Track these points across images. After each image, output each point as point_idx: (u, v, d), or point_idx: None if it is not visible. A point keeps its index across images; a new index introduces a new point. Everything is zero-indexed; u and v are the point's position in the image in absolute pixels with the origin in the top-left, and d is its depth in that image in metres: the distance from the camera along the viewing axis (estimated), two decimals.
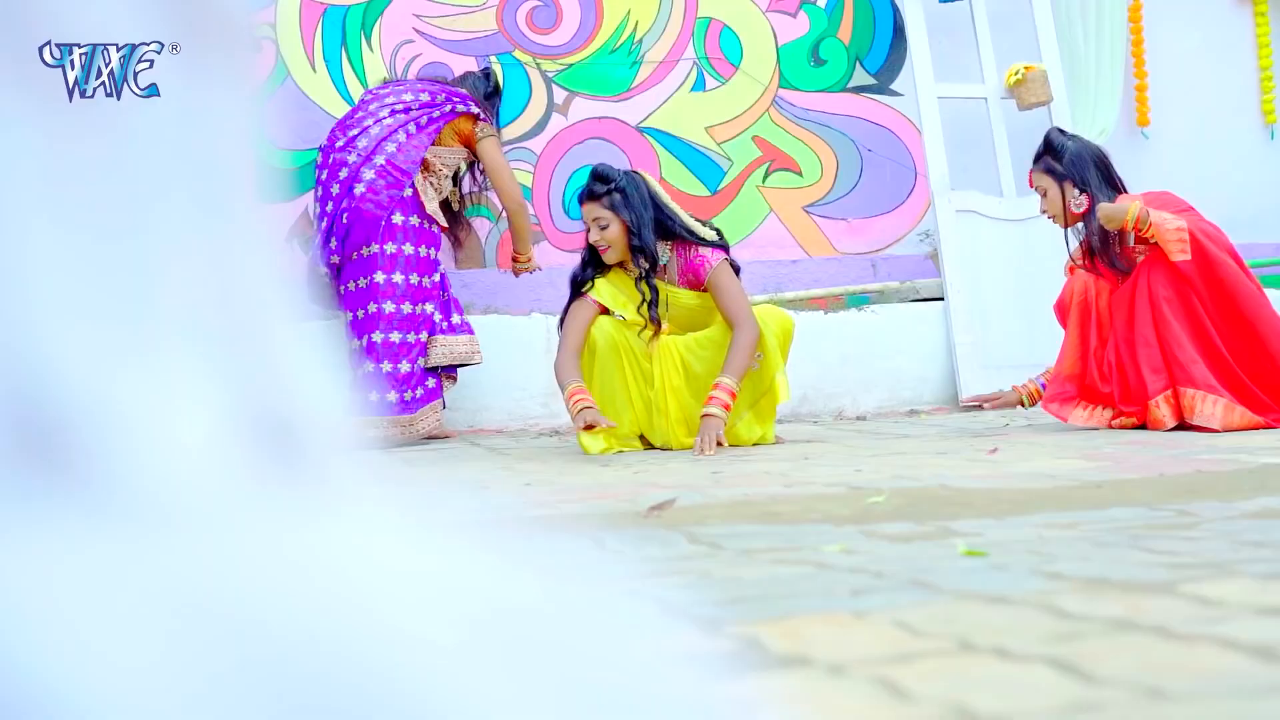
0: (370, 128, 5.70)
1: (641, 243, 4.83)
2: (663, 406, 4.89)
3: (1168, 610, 1.54)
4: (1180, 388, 4.65)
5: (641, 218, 4.85)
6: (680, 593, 1.84)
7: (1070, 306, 4.98)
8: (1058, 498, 2.87)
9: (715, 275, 4.88)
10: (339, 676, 0.58)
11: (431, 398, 5.66)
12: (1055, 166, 4.93)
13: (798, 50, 7.00)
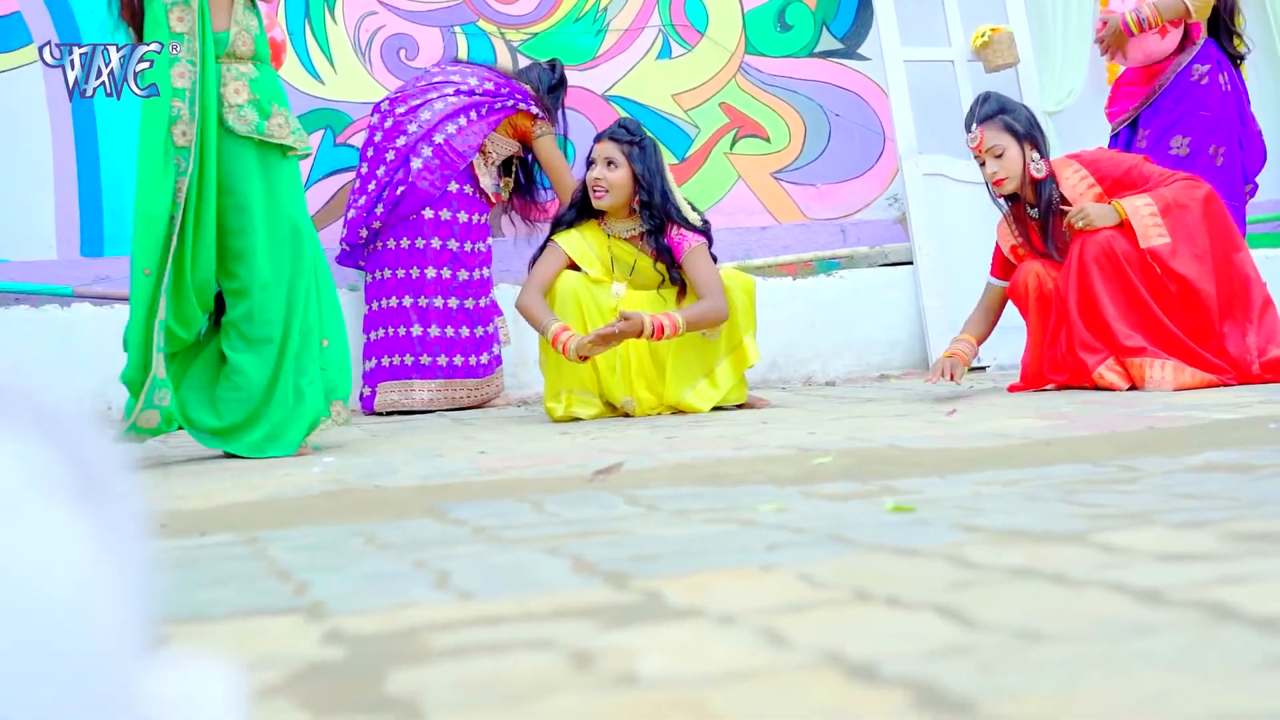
0: (434, 100, 5.76)
1: (650, 200, 4.94)
2: (625, 359, 4.89)
3: (1070, 559, 1.54)
4: (1126, 358, 4.63)
5: (654, 177, 4.97)
6: (600, 550, 1.84)
7: (1028, 297, 4.89)
8: (1005, 456, 2.87)
9: (693, 254, 4.94)
10: None
11: (496, 363, 5.77)
12: (1014, 125, 4.81)
13: (764, 15, 6.97)
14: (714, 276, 4.91)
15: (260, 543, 2.16)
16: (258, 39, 4.08)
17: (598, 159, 5.00)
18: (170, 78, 4.05)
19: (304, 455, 3.95)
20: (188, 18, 4.01)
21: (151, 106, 4.04)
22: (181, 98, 4.02)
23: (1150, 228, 4.63)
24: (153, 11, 4.05)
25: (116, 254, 6.17)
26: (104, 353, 5.63)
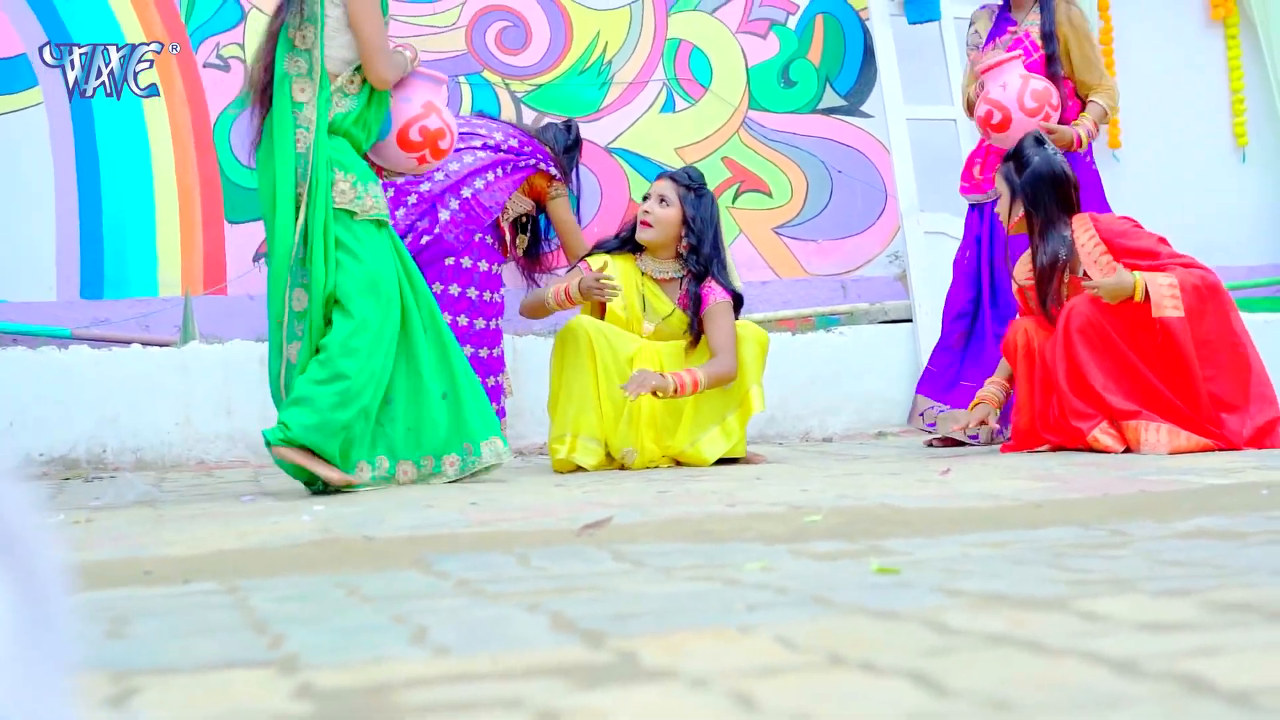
0: (462, 152, 5.73)
1: (700, 246, 5.05)
2: (636, 408, 4.90)
3: (1049, 625, 1.53)
4: (1121, 421, 4.63)
5: (706, 226, 5.08)
6: (580, 607, 1.83)
7: (1017, 354, 4.90)
8: (996, 517, 2.86)
9: (717, 308, 5.03)
10: None
11: (500, 415, 5.77)
12: (1012, 178, 4.92)
13: (768, 71, 7.01)
14: (731, 337, 4.98)
15: (242, 592, 2.16)
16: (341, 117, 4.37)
17: (653, 194, 5.14)
18: (294, 140, 4.34)
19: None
20: (309, 89, 4.34)
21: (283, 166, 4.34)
22: (302, 162, 4.32)
23: (1166, 298, 4.63)
24: (281, 84, 4.39)
25: (116, 296, 6.19)
26: (101, 396, 5.64)
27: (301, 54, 4.37)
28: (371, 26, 4.36)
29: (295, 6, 4.39)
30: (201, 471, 5.51)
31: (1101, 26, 7.35)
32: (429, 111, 4.59)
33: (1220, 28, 7.70)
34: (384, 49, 4.39)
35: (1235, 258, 7.58)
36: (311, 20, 4.37)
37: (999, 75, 5.35)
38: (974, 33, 5.75)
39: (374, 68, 4.38)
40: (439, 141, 4.61)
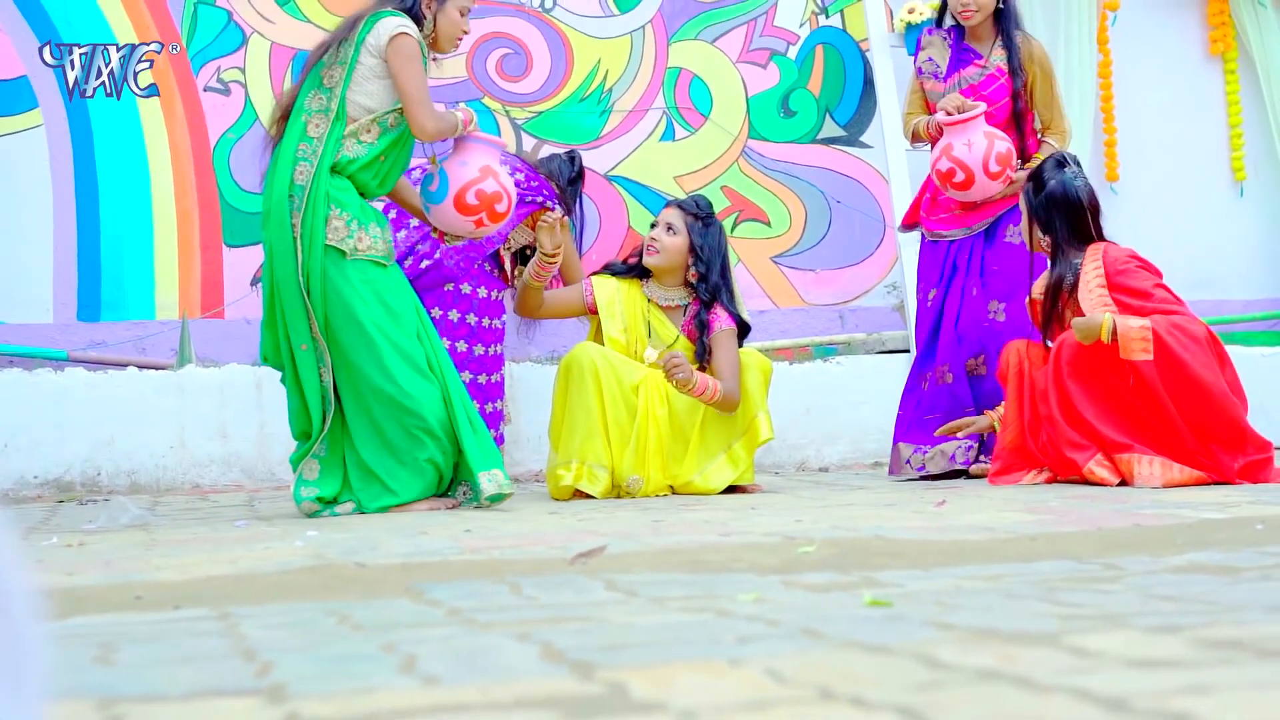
0: None
1: (708, 275, 5.08)
2: (643, 436, 4.90)
3: (1040, 661, 1.53)
4: (1114, 454, 4.63)
5: (714, 255, 5.11)
6: (570, 637, 1.82)
7: (1009, 373, 4.91)
8: (990, 550, 2.86)
9: (723, 335, 5.05)
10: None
11: (500, 441, 5.76)
12: (1031, 198, 4.91)
13: (768, 101, 7.02)
14: (735, 363, 5.00)
15: (232, 619, 2.15)
16: (348, 160, 4.47)
17: (660, 221, 5.16)
18: (295, 172, 4.42)
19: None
20: (323, 125, 4.41)
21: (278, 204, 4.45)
22: (299, 194, 4.38)
23: (1135, 341, 4.61)
24: (295, 115, 4.49)
25: (113, 319, 6.19)
26: (96, 418, 5.63)
27: (326, 92, 4.46)
28: (413, 80, 4.44)
29: (333, 47, 4.48)
30: (196, 495, 5.50)
31: (1100, 60, 7.37)
32: (485, 175, 4.62)
33: (1219, 63, 7.71)
34: (425, 101, 4.46)
35: (1232, 291, 7.59)
36: (343, 63, 4.45)
37: (964, 132, 5.17)
38: (929, 60, 5.54)
39: (417, 119, 4.45)
40: (495, 205, 4.64)
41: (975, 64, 5.45)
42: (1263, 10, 7.59)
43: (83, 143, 6.25)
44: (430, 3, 4.59)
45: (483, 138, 4.71)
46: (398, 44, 4.43)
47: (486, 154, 4.67)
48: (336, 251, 4.39)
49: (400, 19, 4.48)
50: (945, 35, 5.54)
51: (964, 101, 5.23)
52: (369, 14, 4.52)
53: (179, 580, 2.70)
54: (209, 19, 6.41)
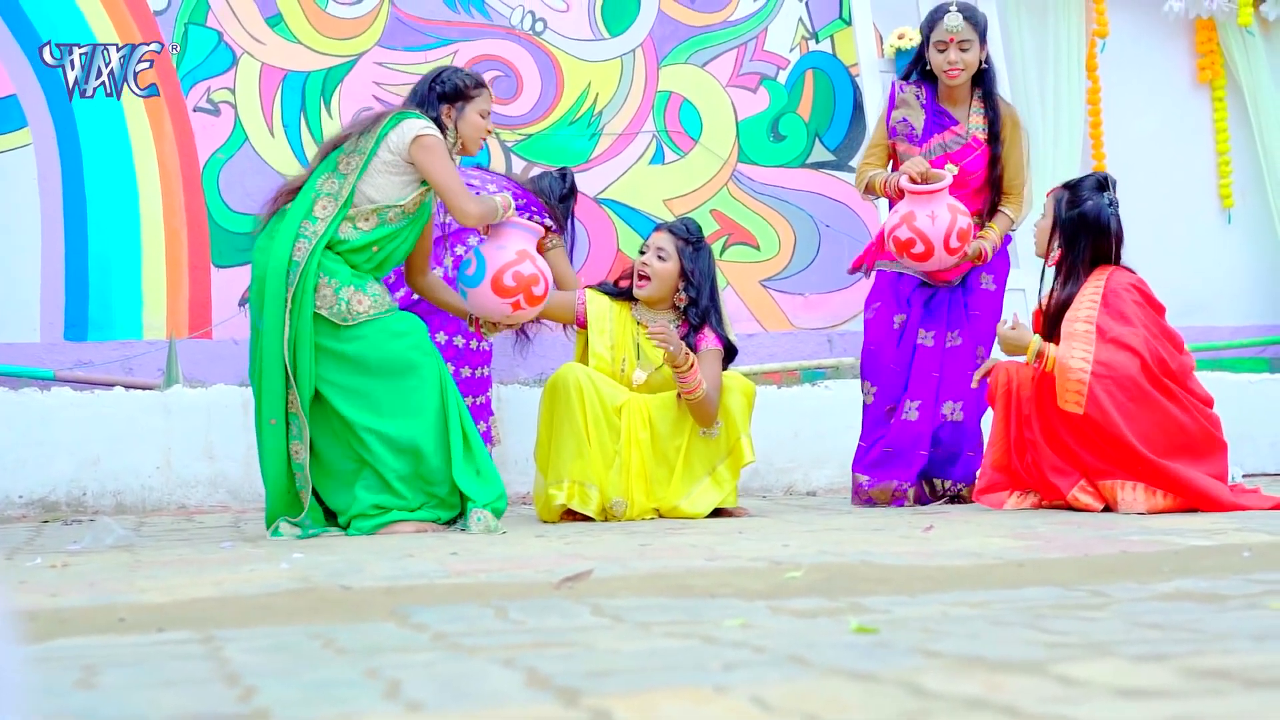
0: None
1: (698, 299, 5.07)
2: (626, 459, 4.90)
3: (1026, 690, 1.52)
4: (1097, 480, 4.63)
5: (704, 279, 5.11)
6: (556, 663, 1.82)
7: (998, 391, 4.92)
8: (977, 576, 2.85)
9: (708, 354, 5.03)
10: None
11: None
12: (1060, 209, 4.86)
13: (757, 125, 7.03)
14: (716, 381, 4.99)
15: (216, 642, 2.14)
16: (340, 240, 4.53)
17: (650, 246, 5.13)
18: (294, 248, 4.48)
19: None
20: (329, 208, 4.52)
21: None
22: (294, 269, 4.44)
23: (1070, 392, 4.61)
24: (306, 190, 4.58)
25: (100, 339, 6.18)
26: (81, 438, 5.62)
27: (340, 177, 4.54)
28: (445, 173, 4.55)
29: (354, 136, 4.58)
30: (182, 516, 5.49)
31: (1089, 87, 7.40)
32: (523, 258, 4.67)
33: (1207, 90, 7.74)
34: (462, 189, 4.57)
35: (1220, 318, 7.60)
36: (360, 152, 4.54)
37: (928, 203, 5.00)
38: (903, 120, 5.38)
39: (459, 206, 4.55)
40: (533, 288, 4.68)
41: (952, 130, 5.35)
42: (1250, 39, 7.62)
43: (71, 162, 6.24)
44: (450, 111, 4.74)
45: (519, 222, 4.76)
46: (423, 142, 4.54)
47: (523, 238, 4.73)
48: (328, 323, 4.47)
49: (425, 121, 4.60)
50: (918, 92, 5.40)
51: (929, 169, 5.11)
52: (395, 112, 4.65)
53: (163, 602, 2.69)
54: (199, 39, 6.41)
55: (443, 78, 4.80)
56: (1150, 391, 4.62)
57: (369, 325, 4.50)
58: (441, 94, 4.76)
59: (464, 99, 4.76)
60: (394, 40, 6.62)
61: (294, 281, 4.40)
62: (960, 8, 5.30)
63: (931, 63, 5.33)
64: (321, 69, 6.52)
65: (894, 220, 5.10)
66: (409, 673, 1.78)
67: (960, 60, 5.26)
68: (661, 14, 6.95)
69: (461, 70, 4.89)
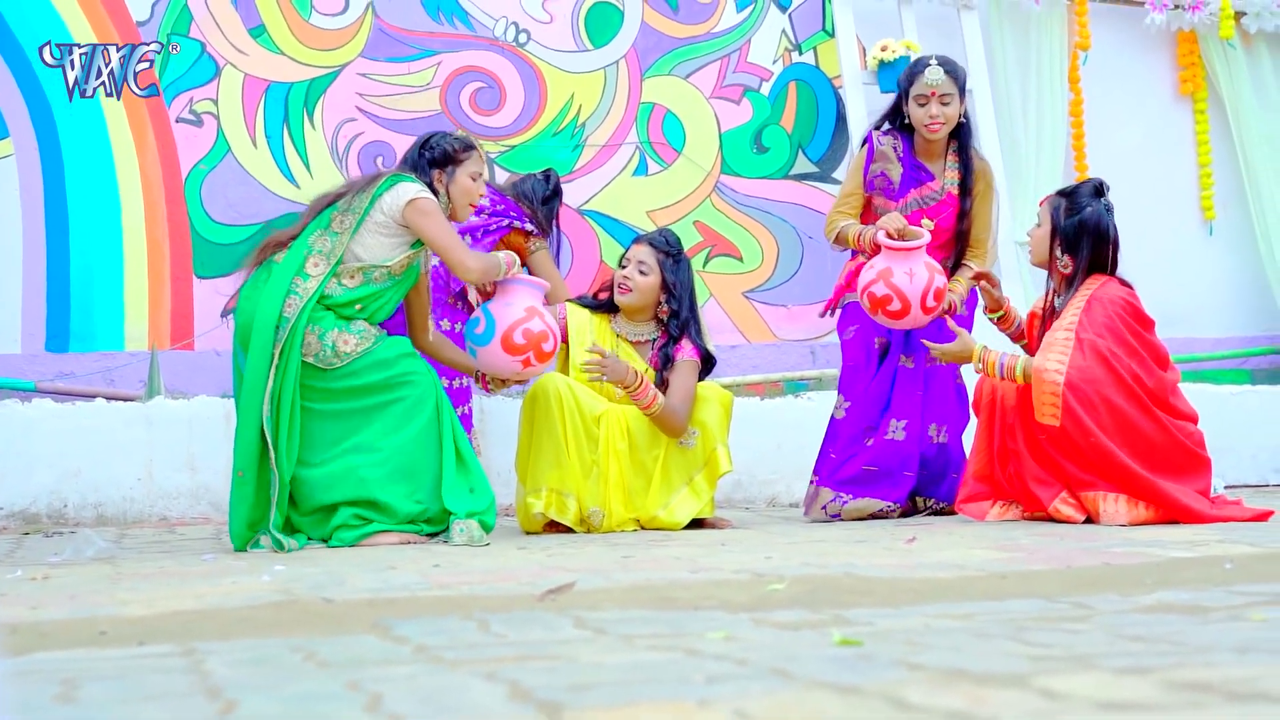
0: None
1: (680, 310, 5.09)
2: (604, 469, 4.90)
3: (1009, 703, 1.52)
4: (1079, 492, 4.64)
5: (684, 290, 5.12)
6: (538, 676, 1.81)
7: (980, 403, 4.93)
8: (960, 588, 2.85)
9: (683, 365, 5.05)
10: None
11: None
12: (1059, 217, 4.84)
13: (740, 137, 7.04)
14: (689, 392, 4.99)
15: (197, 655, 2.13)
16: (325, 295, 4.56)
17: (631, 259, 5.13)
18: (284, 304, 4.49)
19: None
20: (321, 266, 4.55)
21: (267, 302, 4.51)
22: (284, 325, 4.46)
23: (1046, 405, 4.62)
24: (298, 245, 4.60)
25: (81, 350, 6.16)
26: (63, 450, 5.59)
27: (333, 236, 4.57)
28: (442, 232, 4.59)
29: (349, 195, 4.62)
30: (163, 528, 5.47)
31: (1072, 99, 7.42)
32: (531, 315, 4.69)
33: (1189, 103, 7.77)
34: (460, 246, 4.62)
35: (1201, 330, 7.63)
36: (354, 212, 4.58)
37: (906, 260, 4.97)
38: (881, 174, 5.35)
39: (459, 263, 4.60)
40: (543, 344, 4.70)
41: (928, 186, 5.34)
42: (1232, 51, 7.66)
43: (53, 172, 6.22)
44: (440, 176, 4.79)
45: (526, 279, 4.77)
46: (418, 205, 4.57)
47: (530, 294, 4.74)
48: (315, 368, 4.50)
49: (419, 185, 4.64)
50: (896, 144, 5.37)
51: (907, 226, 5.07)
52: (390, 174, 4.67)
53: (144, 615, 2.68)
54: (182, 50, 6.39)
55: (431, 143, 4.84)
56: (1122, 406, 4.62)
57: (357, 362, 4.53)
58: (431, 159, 4.80)
59: (454, 163, 4.80)
60: (377, 51, 6.62)
61: (282, 338, 4.41)
62: (941, 61, 5.29)
63: (911, 116, 5.32)
64: (304, 80, 6.52)
65: (869, 276, 5.03)
66: (390, 686, 1.77)
67: (941, 114, 5.25)
68: (645, 26, 6.96)
69: (450, 135, 4.92)
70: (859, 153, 5.47)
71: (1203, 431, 4.81)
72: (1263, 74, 7.78)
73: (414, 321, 4.90)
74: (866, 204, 5.40)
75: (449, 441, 4.59)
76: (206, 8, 6.42)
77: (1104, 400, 4.61)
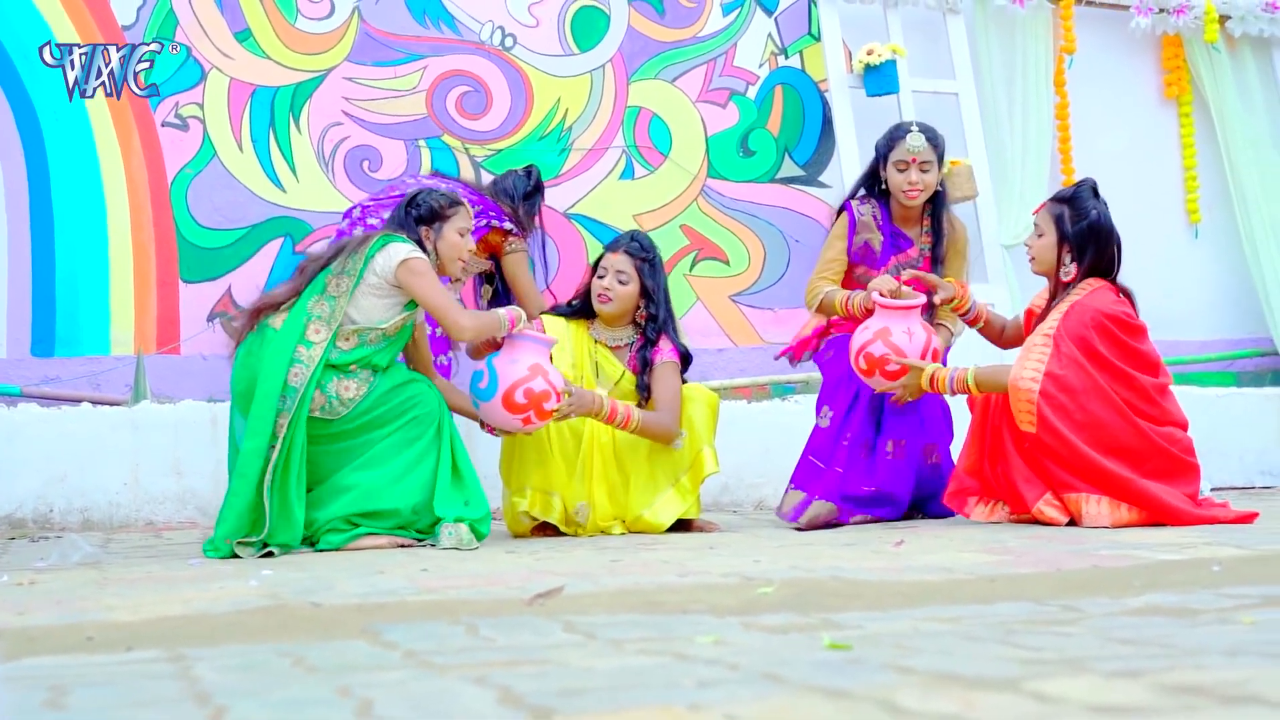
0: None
1: (659, 314, 5.09)
2: (588, 463, 4.91)
3: (1001, 707, 1.52)
4: (1063, 494, 4.64)
5: (660, 292, 5.12)
6: (529, 681, 1.81)
7: (974, 400, 4.94)
8: (947, 591, 2.85)
9: (664, 367, 5.05)
10: None
11: None
12: (1065, 223, 4.82)
13: (727, 140, 7.04)
14: (676, 395, 4.98)
15: (186, 661, 2.12)
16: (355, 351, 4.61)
17: (609, 269, 5.11)
18: (289, 373, 4.49)
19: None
20: (323, 333, 4.57)
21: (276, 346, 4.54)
22: (291, 395, 4.47)
23: (1021, 414, 4.63)
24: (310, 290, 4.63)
25: (67, 354, 6.14)
26: (49, 454, 5.57)
27: (330, 300, 4.58)
28: (433, 292, 4.61)
29: (342, 255, 4.62)
30: (150, 533, 5.45)
31: (1058, 102, 7.43)
32: (535, 374, 4.67)
33: (1174, 106, 7.79)
34: (452, 306, 4.64)
35: (1187, 332, 7.64)
36: (349, 274, 4.59)
37: (904, 320, 4.90)
38: (865, 245, 5.31)
39: (452, 323, 4.62)
40: (543, 403, 4.68)
41: (907, 253, 5.32)
42: (1217, 55, 7.68)
43: (38, 177, 6.20)
44: (428, 233, 4.79)
45: (533, 335, 4.76)
46: (410, 266, 4.58)
47: (536, 352, 4.73)
48: (321, 420, 4.54)
49: (410, 245, 4.65)
50: (875, 212, 5.33)
51: (899, 287, 4.99)
52: (380, 235, 4.68)
53: (131, 620, 2.67)
54: (168, 54, 6.38)
55: (418, 200, 4.84)
56: (1098, 413, 4.62)
57: (362, 403, 4.58)
58: (418, 217, 4.81)
59: (440, 219, 4.81)
60: (363, 55, 6.61)
61: (290, 408, 4.42)
62: (922, 128, 5.27)
63: (889, 182, 5.29)
64: (290, 84, 6.50)
65: (866, 336, 4.93)
66: (380, 692, 1.77)
67: (920, 181, 5.23)
68: (631, 30, 6.96)
69: (436, 191, 4.93)
70: (839, 221, 5.41)
71: (1191, 438, 4.81)
72: (1247, 77, 7.80)
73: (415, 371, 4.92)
74: (847, 272, 5.38)
75: (447, 455, 4.62)
76: (192, 11, 6.40)
77: (1080, 408, 4.61)
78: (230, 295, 6.29)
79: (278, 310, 4.59)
